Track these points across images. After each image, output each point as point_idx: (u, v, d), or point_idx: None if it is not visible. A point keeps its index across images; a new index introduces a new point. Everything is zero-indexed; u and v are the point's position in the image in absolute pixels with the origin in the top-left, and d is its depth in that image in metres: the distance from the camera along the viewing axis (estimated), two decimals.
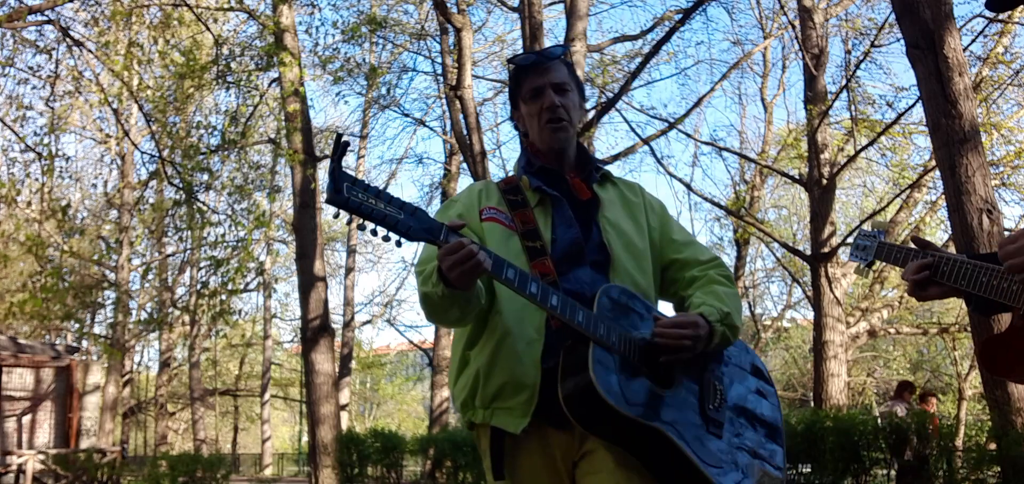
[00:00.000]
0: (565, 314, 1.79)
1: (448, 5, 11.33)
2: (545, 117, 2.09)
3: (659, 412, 1.82)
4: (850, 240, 2.31)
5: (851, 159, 12.48)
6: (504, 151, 23.03)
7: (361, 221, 1.70)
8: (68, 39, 10.31)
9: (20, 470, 13.81)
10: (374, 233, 1.72)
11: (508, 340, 1.94)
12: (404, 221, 1.70)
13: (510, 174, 2.26)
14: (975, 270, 1.89)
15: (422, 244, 1.90)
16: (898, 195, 13.81)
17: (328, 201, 1.66)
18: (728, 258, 20.79)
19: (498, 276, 1.77)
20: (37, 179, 10.97)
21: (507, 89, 2.26)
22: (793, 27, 12.66)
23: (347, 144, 1.71)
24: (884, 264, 2.30)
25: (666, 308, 2.18)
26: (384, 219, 1.68)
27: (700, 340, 1.88)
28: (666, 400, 1.85)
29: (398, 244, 1.76)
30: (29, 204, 11.89)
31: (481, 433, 2.01)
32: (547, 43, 14.33)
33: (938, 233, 14.89)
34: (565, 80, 2.13)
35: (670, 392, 1.86)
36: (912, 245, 2.08)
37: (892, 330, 15.72)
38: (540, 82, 2.11)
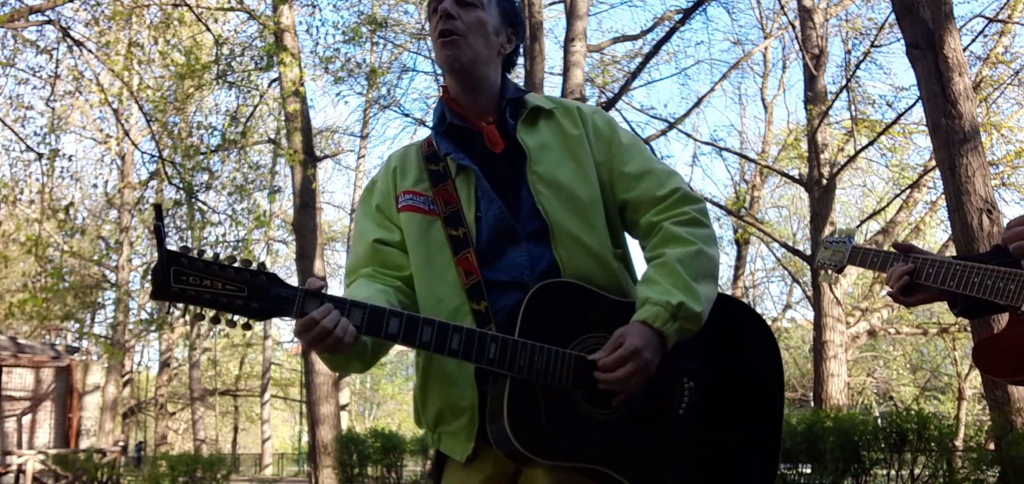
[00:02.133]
0: (471, 356, 1.53)
1: None
2: (437, 31, 1.73)
3: (593, 443, 1.55)
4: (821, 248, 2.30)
5: (851, 159, 12.48)
6: None
7: (197, 312, 1.46)
8: (68, 39, 10.32)
9: (20, 470, 13.81)
10: (215, 321, 1.47)
11: (437, 359, 1.66)
12: (244, 300, 1.45)
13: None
14: (965, 271, 1.86)
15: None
16: (898, 195, 13.81)
17: (152, 297, 1.43)
18: (728, 258, 20.79)
19: (376, 334, 1.51)
20: (37, 179, 10.99)
21: None
22: (793, 27, 12.67)
23: (160, 210, 1.47)
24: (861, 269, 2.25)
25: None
26: (220, 303, 1.44)
27: (649, 364, 1.54)
28: (606, 424, 1.57)
29: (247, 327, 1.51)
30: (31, 203, 11.90)
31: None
32: (547, 43, 14.34)
33: (938, 233, 14.91)
34: None
35: (613, 411, 1.58)
36: (894, 250, 2.04)
37: (892, 330, 15.72)
38: None
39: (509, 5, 1.84)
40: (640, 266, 1.79)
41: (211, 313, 1.46)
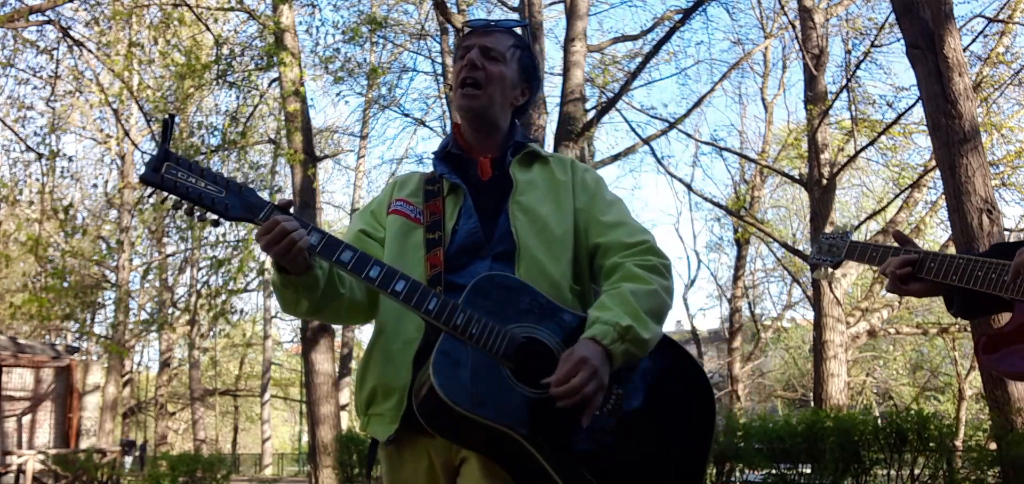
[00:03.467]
0: (412, 301, 1.62)
1: (448, 5, 11.33)
2: (460, 78, 1.89)
3: (518, 416, 1.57)
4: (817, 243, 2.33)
5: (851, 159, 12.48)
6: None
7: (177, 200, 1.62)
8: (68, 39, 10.32)
9: (20, 470, 13.81)
10: (189, 214, 1.64)
11: (382, 339, 1.78)
12: (222, 199, 1.62)
13: None
14: (967, 264, 1.85)
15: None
16: (898, 195, 13.81)
17: (141, 179, 1.60)
18: (728, 258, 20.81)
19: (329, 257, 1.64)
20: (38, 179, 11.00)
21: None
22: (793, 27, 12.66)
23: (173, 120, 1.67)
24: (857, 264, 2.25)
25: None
26: (199, 197, 1.61)
27: (599, 372, 1.58)
28: (533, 403, 1.60)
29: (215, 223, 1.68)
30: (31, 204, 11.91)
31: None
32: (547, 43, 14.35)
33: (938, 233, 14.90)
34: (500, 49, 1.90)
35: (539, 391, 1.60)
36: (893, 241, 2.06)
37: (892, 330, 15.71)
38: (471, 42, 1.91)
39: (529, 62, 1.99)
40: None
41: (187, 205, 1.63)
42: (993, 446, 6.65)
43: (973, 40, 11.24)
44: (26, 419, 16.50)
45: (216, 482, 12.20)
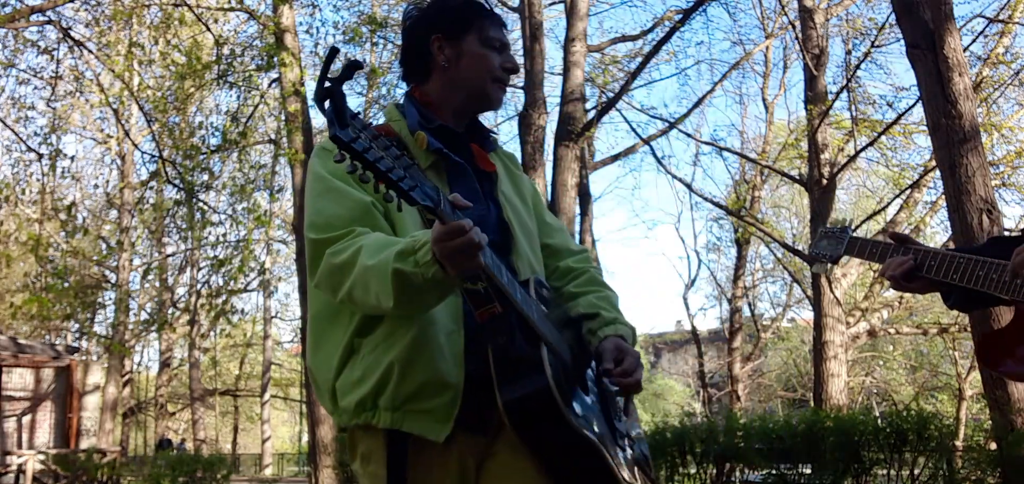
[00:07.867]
0: (529, 311, 1.55)
1: None
2: (503, 69, 1.83)
3: (600, 426, 1.65)
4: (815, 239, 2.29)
5: (851, 159, 12.49)
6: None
7: (361, 169, 1.26)
8: (69, 39, 10.33)
9: (20, 470, 13.82)
10: (365, 181, 1.29)
11: (431, 330, 1.58)
12: (406, 180, 1.29)
13: (382, 123, 1.86)
14: (968, 264, 1.87)
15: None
16: (898, 195, 13.82)
17: (332, 138, 1.24)
18: (728, 258, 20.80)
19: (497, 276, 1.45)
20: (38, 179, 11.01)
21: (435, 16, 1.85)
22: (793, 27, 12.66)
23: (335, 53, 1.30)
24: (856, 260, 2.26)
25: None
26: (388, 175, 1.27)
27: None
28: (592, 409, 1.67)
29: (387, 199, 1.32)
30: (34, 203, 11.93)
31: (367, 438, 1.63)
32: (547, 43, 14.35)
33: (938, 233, 14.91)
34: None
35: (590, 400, 1.68)
36: (888, 240, 2.07)
37: (892, 330, 15.72)
38: (503, 38, 1.86)
39: None
40: None
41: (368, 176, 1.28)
42: (993, 446, 6.65)
43: (973, 40, 11.25)
44: (26, 419, 16.51)
45: (216, 482, 12.22)
